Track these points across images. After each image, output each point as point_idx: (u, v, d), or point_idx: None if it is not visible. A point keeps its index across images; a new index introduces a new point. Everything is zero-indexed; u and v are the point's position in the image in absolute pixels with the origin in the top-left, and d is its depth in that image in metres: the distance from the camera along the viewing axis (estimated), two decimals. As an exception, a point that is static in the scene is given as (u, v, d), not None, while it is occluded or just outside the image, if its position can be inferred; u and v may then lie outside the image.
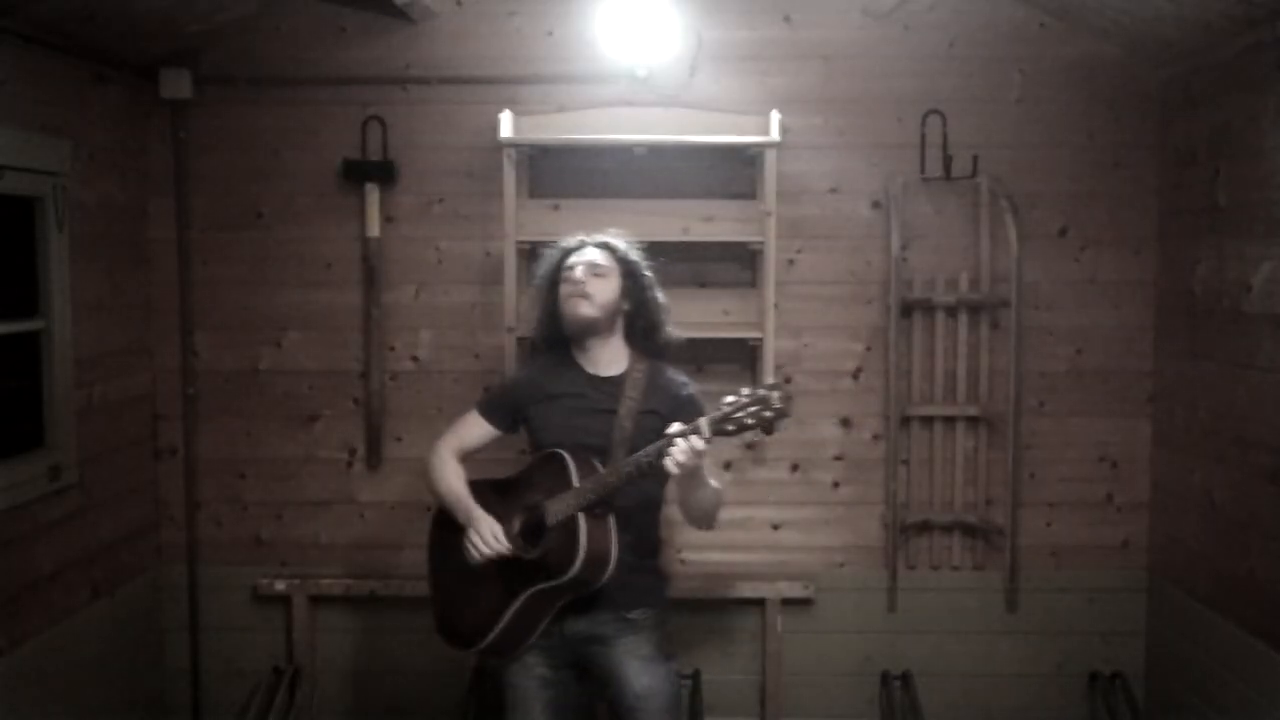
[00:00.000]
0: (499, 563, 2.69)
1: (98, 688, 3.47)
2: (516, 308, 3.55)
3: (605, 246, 2.85)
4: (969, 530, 3.83)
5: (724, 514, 3.79)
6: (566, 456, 2.67)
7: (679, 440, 2.47)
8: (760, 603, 3.82)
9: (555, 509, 2.63)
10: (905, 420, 3.81)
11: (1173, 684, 3.66)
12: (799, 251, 3.78)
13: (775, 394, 2.41)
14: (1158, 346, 3.76)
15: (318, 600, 3.87)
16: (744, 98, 3.71)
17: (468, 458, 2.91)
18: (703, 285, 3.79)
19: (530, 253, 3.52)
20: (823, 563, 3.86)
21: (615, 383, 2.77)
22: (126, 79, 3.62)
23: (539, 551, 2.65)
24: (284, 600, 3.86)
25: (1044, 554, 3.84)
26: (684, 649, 3.84)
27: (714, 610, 3.86)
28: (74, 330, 3.31)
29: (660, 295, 2.88)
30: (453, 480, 2.82)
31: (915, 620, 3.85)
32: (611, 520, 2.63)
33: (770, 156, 3.54)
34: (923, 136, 3.72)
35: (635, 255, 2.87)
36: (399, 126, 3.76)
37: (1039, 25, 3.71)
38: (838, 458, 3.85)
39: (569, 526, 2.60)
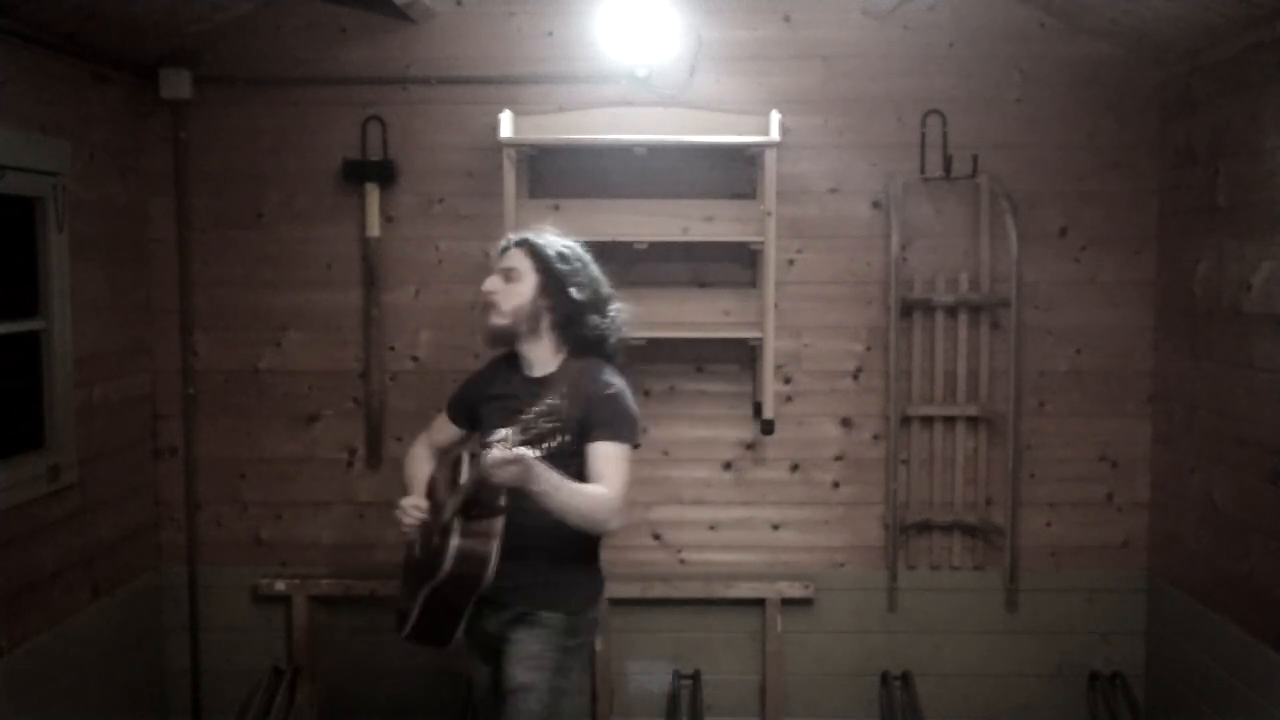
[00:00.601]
0: (422, 560, 2.72)
1: (98, 688, 3.47)
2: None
3: (523, 245, 2.79)
4: (969, 530, 3.83)
5: (724, 514, 3.85)
6: (464, 457, 2.68)
7: (492, 448, 2.39)
8: (760, 603, 3.82)
9: (448, 508, 2.64)
10: (905, 420, 3.81)
11: (1173, 684, 3.66)
12: (799, 251, 3.78)
13: (564, 404, 2.38)
14: (1158, 346, 3.76)
15: (318, 600, 3.87)
16: (744, 98, 3.71)
17: (444, 456, 2.93)
18: (703, 285, 3.79)
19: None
20: (823, 563, 3.86)
21: (543, 383, 2.72)
22: (126, 79, 3.62)
23: (431, 551, 2.65)
24: (284, 600, 3.86)
25: (1044, 554, 3.84)
26: (684, 649, 3.86)
27: (714, 610, 3.86)
28: (74, 330, 3.31)
29: (578, 292, 2.73)
30: (414, 470, 2.94)
31: (915, 620, 3.86)
32: (499, 522, 2.58)
33: (770, 156, 3.54)
34: (923, 136, 3.72)
35: (554, 250, 2.76)
36: (399, 126, 3.77)
37: (1039, 25, 3.70)
38: (838, 458, 3.85)
39: (447, 527, 2.60)
